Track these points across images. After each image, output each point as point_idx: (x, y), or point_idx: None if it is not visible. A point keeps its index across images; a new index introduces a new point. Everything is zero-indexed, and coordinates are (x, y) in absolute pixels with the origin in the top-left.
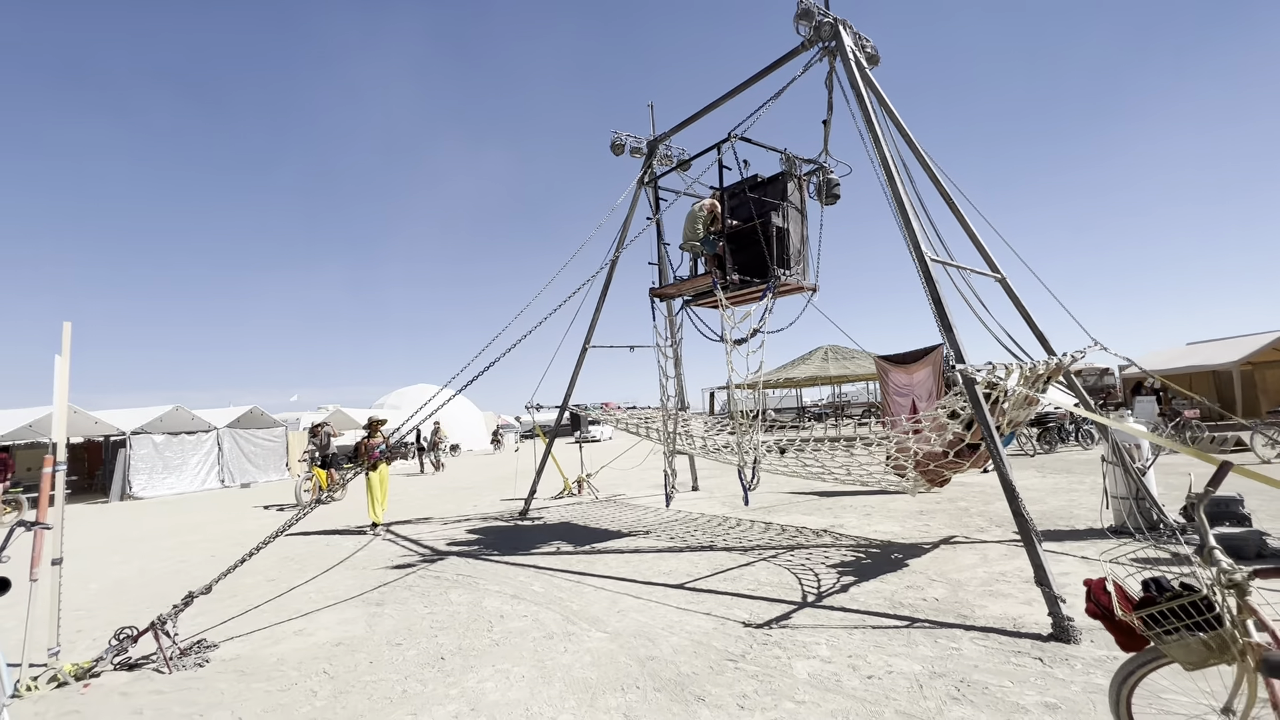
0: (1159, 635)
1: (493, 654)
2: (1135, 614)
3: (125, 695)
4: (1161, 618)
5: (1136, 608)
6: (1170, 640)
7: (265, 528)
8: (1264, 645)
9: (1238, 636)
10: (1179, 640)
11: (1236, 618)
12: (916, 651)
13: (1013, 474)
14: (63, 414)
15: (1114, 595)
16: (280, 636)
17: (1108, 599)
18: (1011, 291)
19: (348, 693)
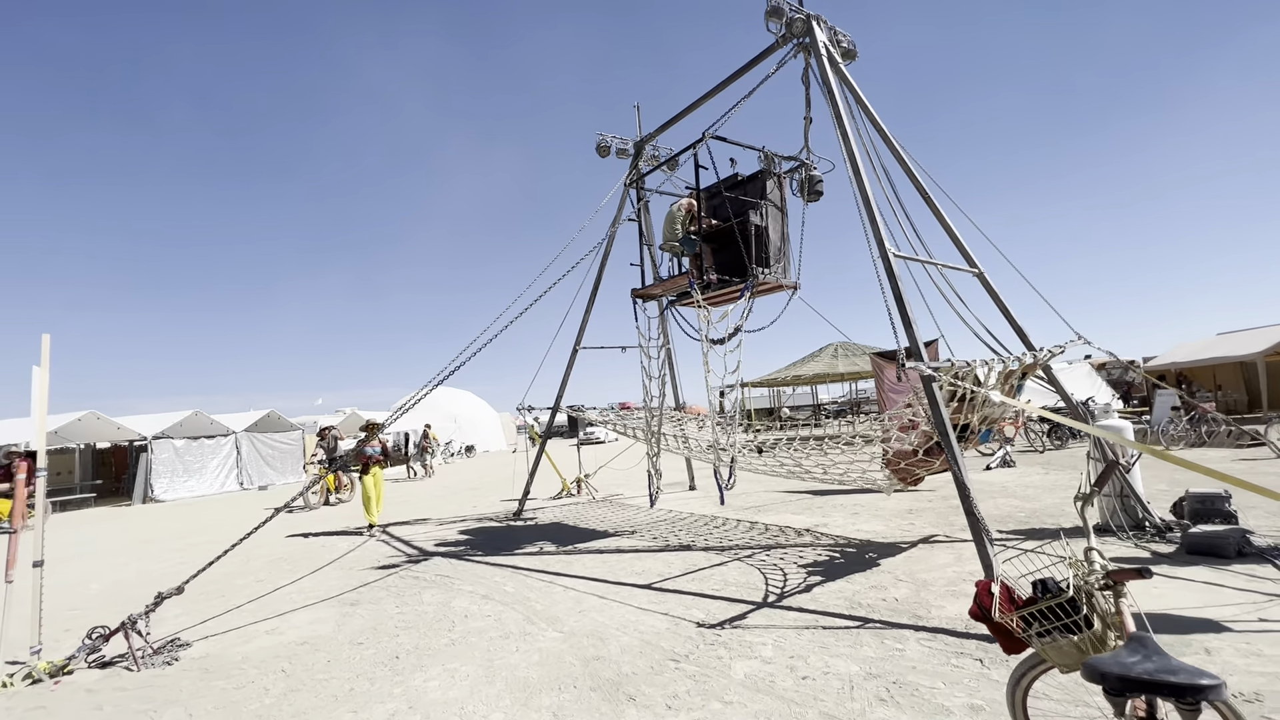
0: (1033, 637)
1: (446, 653)
2: (1012, 615)
3: (91, 692)
4: (1037, 619)
5: (1017, 609)
6: (1043, 642)
7: (272, 529)
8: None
9: (1108, 638)
10: (1052, 642)
11: (1111, 619)
12: (860, 652)
13: (1014, 470)
14: (42, 423)
15: (997, 596)
16: (252, 636)
17: (990, 600)
18: (989, 286)
19: (298, 691)
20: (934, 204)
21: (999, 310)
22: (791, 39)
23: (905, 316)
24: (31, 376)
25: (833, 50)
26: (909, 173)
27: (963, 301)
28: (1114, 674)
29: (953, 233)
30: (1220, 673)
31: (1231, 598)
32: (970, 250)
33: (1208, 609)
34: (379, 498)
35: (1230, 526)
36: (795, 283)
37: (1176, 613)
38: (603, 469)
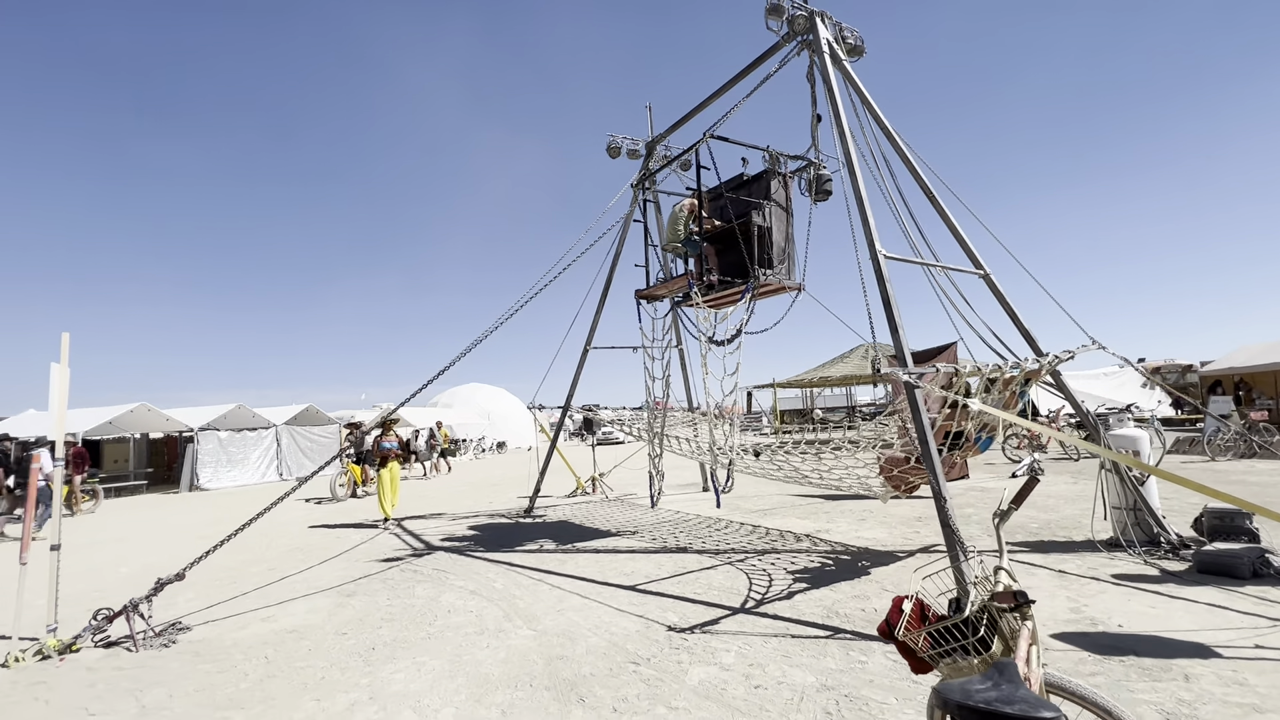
0: (936, 658)
1: (420, 647)
2: (918, 633)
3: (90, 670)
4: (942, 639)
5: (923, 628)
6: (945, 663)
7: (298, 519)
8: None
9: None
10: (953, 663)
11: (1011, 641)
12: (821, 663)
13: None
14: (61, 417)
15: (906, 613)
16: (248, 623)
17: (898, 617)
18: (996, 289)
19: (274, 678)
20: (940, 204)
21: (1006, 313)
22: (795, 37)
23: (892, 320)
24: (51, 373)
25: (836, 47)
26: (914, 173)
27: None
28: (954, 700)
29: (958, 234)
30: (1193, 700)
31: (1232, 621)
32: (979, 252)
33: (1203, 632)
34: (394, 492)
35: (1248, 545)
36: (799, 284)
37: (1168, 635)
38: (617, 468)
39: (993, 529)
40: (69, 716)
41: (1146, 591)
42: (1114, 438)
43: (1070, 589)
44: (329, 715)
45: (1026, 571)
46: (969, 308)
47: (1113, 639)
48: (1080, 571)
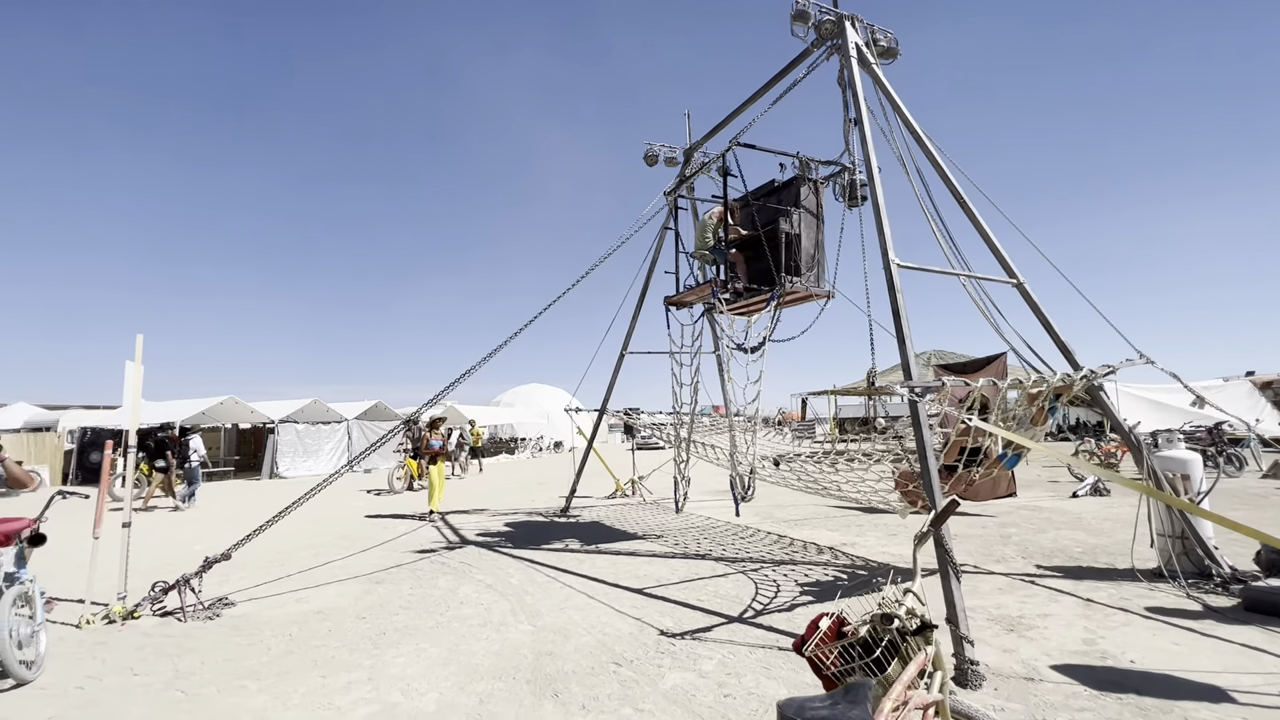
0: (841, 675)
1: (426, 634)
2: (824, 650)
3: (145, 635)
4: (847, 656)
5: (828, 645)
6: (849, 681)
7: (356, 508)
8: (936, 700)
9: (916, 683)
10: (856, 681)
11: (909, 663)
12: (799, 677)
13: (1105, 499)
14: (135, 410)
15: (822, 630)
16: (284, 602)
17: (812, 632)
18: (1030, 298)
19: (293, 653)
20: (971, 211)
21: (1041, 324)
22: (824, 42)
23: (900, 330)
24: (125, 370)
25: (866, 51)
26: (945, 179)
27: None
28: (788, 717)
29: (991, 241)
30: None
31: (1264, 665)
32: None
33: (1225, 675)
34: (440, 487)
35: None
36: (829, 291)
37: (1184, 674)
38: (655, 471)
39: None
40: (117, 674)
41: (1177, 627)
42: (1161, 460)
43: (1093, 619)
44: (328, 691)
45: (1050, 598)
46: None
47: (1118, 675)
48: (1110, 601)
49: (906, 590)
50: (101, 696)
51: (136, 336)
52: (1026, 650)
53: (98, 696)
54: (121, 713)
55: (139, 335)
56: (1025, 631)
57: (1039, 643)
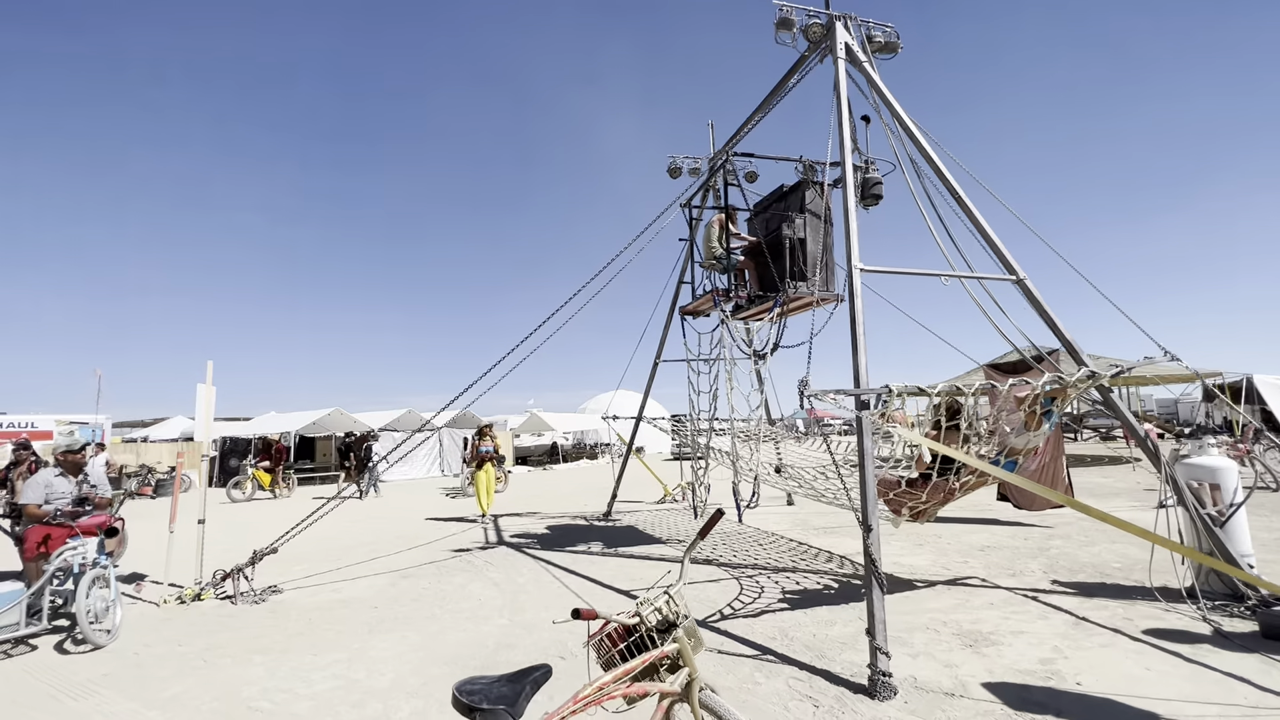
0: (608, 665)
1: (418, 624)
2: (604, 646)
3: (202, 615)
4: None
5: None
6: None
7: (426, 508)
8: (672, 692)
9: (661, 676)
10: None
11: (682, 658)
12: (720, 680)
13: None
14: (207, 426)
15: (591, 627)
16: (321, 592)
17: (602, 629)
18: (1032, 295)
19: (303, 634)
20: (969, 207)
21: (1045, 322)
22: (816, 48)
23: (855, 338)
24: (197, 392)
25: (857, 51)
26: (941, 175)
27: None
28: (454, 690)
29: (989, 238)
30: None
31: (1233, 695)
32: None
33: (1179, 703)
34: (490, 490)
35: None
36: (838, 295)
37: (1130, 699)
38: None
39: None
40: (165, 645)
41: (1165, 652)
42: (1187, 467)
43: (1070, 639)
44: (311, 667)
45: (1040, 614)
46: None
47: (1052, 696)
48: (1106, 621)
49: (665, 591)
50: (147, 661)
51: (207, 362)
52: (970, 667)
53: (144, 660)
54: (155, 674)
55: (209, 361)
56: (984, 648)
57: (990, 660)
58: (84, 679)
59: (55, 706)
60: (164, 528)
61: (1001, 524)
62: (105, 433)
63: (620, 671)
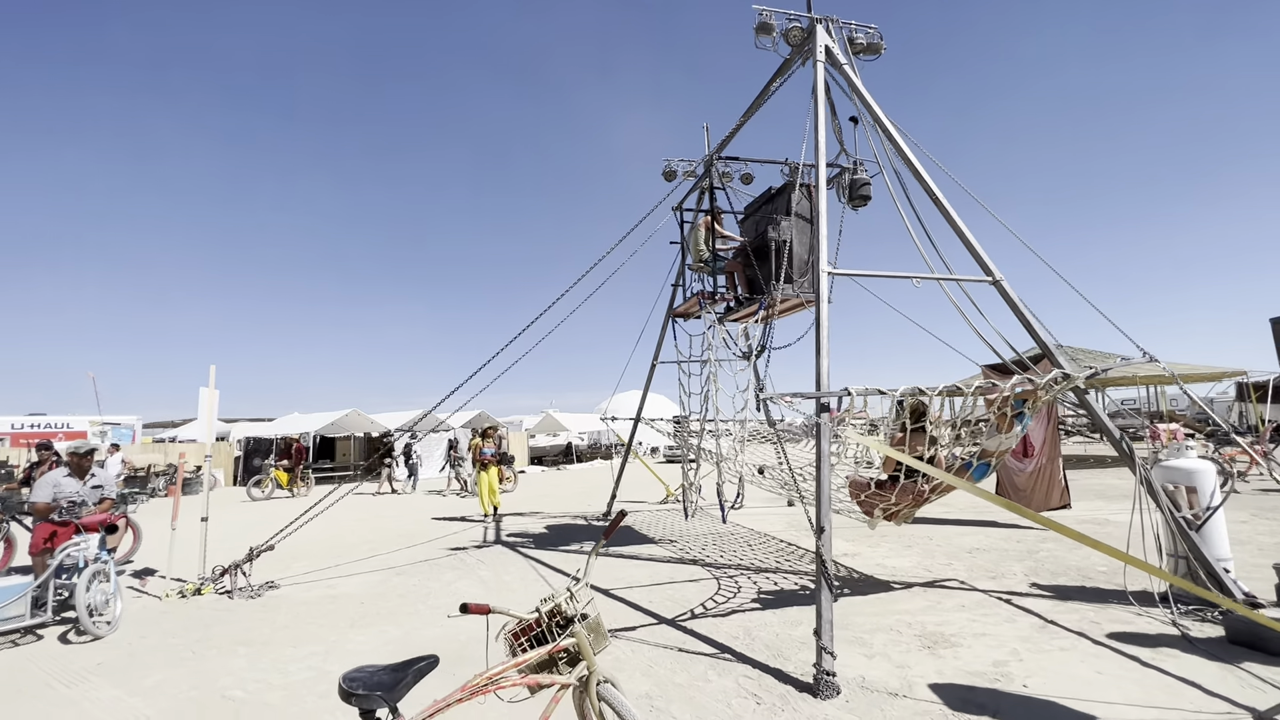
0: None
1: (395, 619)
2: (514, 639)
3: (200, 608)
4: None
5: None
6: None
7: (427, 508)
8: (567, 683)
9: (559, 668)
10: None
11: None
12: (673, 678)
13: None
14: (210, 427)
15: (499, 620)
16: (316, 588)
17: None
18: (1009, 296)
19: (289, 628)
20: (945, 209)
21: (1021, 324)
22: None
23: (819, 342)
24: (200, 395)
25: (837, 53)
26: (918, 177)
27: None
28: (342, 681)
29: (966, 239)
30: None
31: (1179, 700)
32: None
33: (1121, 706)
34: (493, 491)
35: None
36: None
37: (1072, 702)
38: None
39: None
40: (159, 636)
41: (1123, 656)
42: (1164, 470)
43: (1032, 642)
44: (290, 659)
45: (1007, 617)
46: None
47: (995, 698)
48: (1073, 625)
49: (568, 589)
50: (140, 651)
51: (210, 367)
52: (922, 668)
53: (137, 651)
54: (144, 663)
55: (212, 366)
56: (942, 649)
57: (945, 661)
58: (79, 667)
59: (48, 693)
60: (193, 525)
61: (998, 526)
62: (136, 433)
63: (513, 663)
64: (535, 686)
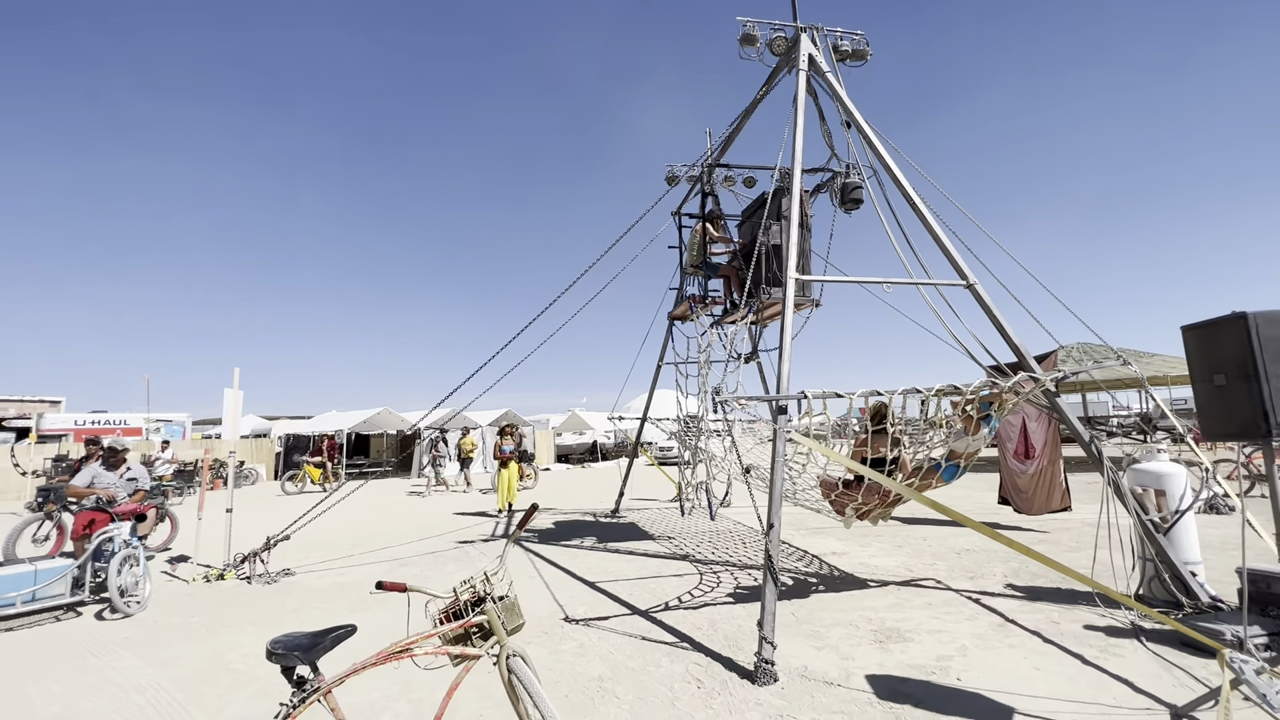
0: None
1: (390, 605)
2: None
3: (221, 592)
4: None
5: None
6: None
7: (452, 505)
8: (475, 655)
9: (473, 641)
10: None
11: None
12: (628, 663)
13: (1221, 517)
14: (235, 425)
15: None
16: (327, 576)
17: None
18: (982, 299)
19: (296, 611)
20: (922, 213)
21: (994, 326)
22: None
23: (781, 345)
24: (224, 396)
25: (821, 61)
26: (896, 182)
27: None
28: (269, 644)
29: (941, 243)
30: None
31: (1102, 695)
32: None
33: (1043, 700)
34: (511, 487)
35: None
36: (814, 300)
37: (997, 694)
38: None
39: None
40: (181, 616)
41: (1068, 654)
42: (1136, 473)
43: (982, 639)
44: None
45: (969, 616)
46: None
47: (923, 689)
48: (1031, 624)
49: (484, 573)
50: (163, 628)
51: (234, 369)
52: (865, 660)
53: (160, 628)
54: (166, 638)
55: (235, 368)
56: (892, 644)
57: (892, 655)
58: (107, 640)
59: (79, 661)
60: (221, 516)
61: (1000, 528)
62: (186, 429)
63: (427, 634)
64: (449, 656)
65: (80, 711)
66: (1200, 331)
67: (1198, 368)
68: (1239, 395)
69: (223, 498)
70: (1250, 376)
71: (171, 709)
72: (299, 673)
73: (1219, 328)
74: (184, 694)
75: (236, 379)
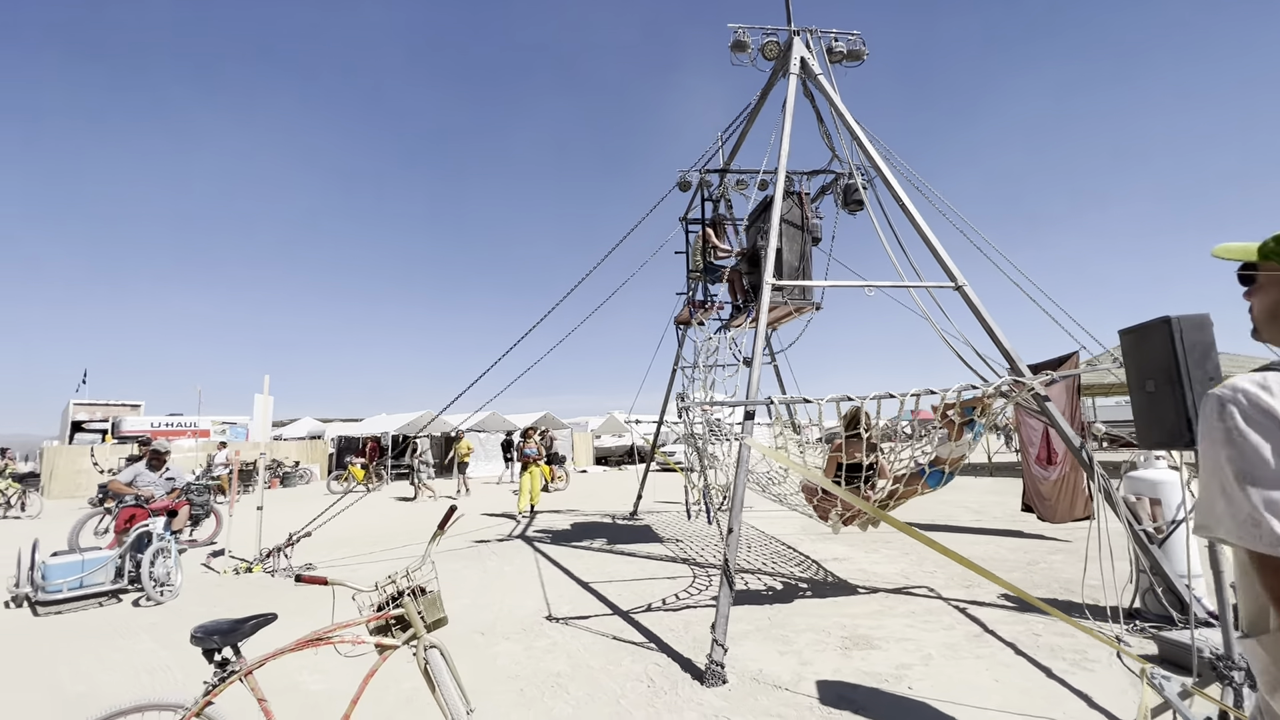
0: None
1: None
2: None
3: (248, 584)
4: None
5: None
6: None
7: (480, 505)
8: (392, 645)
9: (391, 630)
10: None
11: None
12: (590, 661)
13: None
14: (266, 430)
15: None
16: (343, 571)
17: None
18: (971, 302)
19: (305, 601)
20: (912, 215)
21: (984, 329)
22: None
23: (754, 351)
24: (255, 402)
25: (812, 65)
26: (887, 184)
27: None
28: (195, 631)
29: (930, 244)
30: None
31: (1064, 713)
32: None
33: (999, 714)
34: (534, 489)
35: None
36: (815, 303)
37: (945, 704)
38: None
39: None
40: (206, 605)
41: (1037, 666)
42: (1131, 481)
43: (952, 649)
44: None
45: (947, 625)
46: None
47: (870, 696)
48: (1007, 635)
49: (405, 569)
50: (188, 615)
51: (264, 376)
52: (822, 666)
53: (186, 615)
54: (186, 623)
55: (265, 376)
56: (856, 651)
57: (852, 662)
58: (137, 625)
59: (107, 642)
60: (271, 515)
61: (1024, 536)
62: (249, 431)
63: (345, 623)
64: (367, 645)
65: (100, 684)
66: (1133, 336)
67: (1132, 374)
68: (1166, 402)
69: (281, 495)
70: (1174, 382)
71: (172, 688)
72: (222, 655)
73: (1147, 332)
74: (184, 674)
75: (266, 385)
